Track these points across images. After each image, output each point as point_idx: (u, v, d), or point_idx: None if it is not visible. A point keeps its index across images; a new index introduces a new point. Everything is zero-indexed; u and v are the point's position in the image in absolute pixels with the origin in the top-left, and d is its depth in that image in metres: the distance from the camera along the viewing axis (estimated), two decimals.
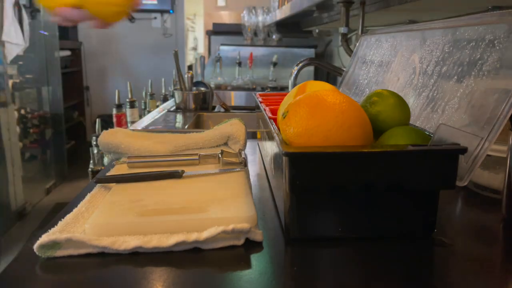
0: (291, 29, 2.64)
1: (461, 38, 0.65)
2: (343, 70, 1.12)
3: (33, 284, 0.41)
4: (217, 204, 0.51)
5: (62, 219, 0.50)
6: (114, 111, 1.63)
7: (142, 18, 3.98)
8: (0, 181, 2.29)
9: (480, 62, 0.58)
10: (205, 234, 0.45)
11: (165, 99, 2.33)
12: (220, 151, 0.71)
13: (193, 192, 0.57)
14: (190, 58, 4.32)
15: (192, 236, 0.45)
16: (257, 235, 0.47)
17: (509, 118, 0.49)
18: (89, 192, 0.59)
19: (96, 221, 0.47)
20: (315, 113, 0.48)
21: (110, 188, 0.60)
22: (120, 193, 0.56)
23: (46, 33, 3.03)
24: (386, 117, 0.54)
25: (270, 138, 0.63)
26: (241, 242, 0.47)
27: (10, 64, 2.50)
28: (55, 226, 0.48)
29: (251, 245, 0.47)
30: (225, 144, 0.84)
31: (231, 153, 0.72)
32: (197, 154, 0.71)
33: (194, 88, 1.71)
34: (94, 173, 1.61)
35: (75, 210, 0.52)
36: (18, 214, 2.42)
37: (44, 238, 0.44)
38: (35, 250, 0.44)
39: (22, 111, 2.84)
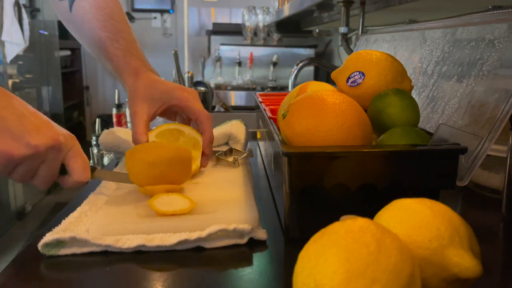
0: (291, 29, 2.64)
1: (461, 38, 0.65)
2: None
3: (37, 282, 0.41)
4: (220, 205, 0.52)
5: (65, 218, 0.50)
6: (114, 111, 1.63)
7: (141, 18, 3.97)
8: (0, 181, 2.29)
9: (480, 62, 0.58)
10: (206, 231, 0.45)
11: None
12: (229, 148, 0.73)
13: (196, 192, 0.57)
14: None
15: (195, 234, 0.45)
16: (261, 234, 0.48)
17: (509, 118, 0.49)
18: (92, 192, 0.59)
19: (99, 221, 0.48)
20: (315, 113, 0.47)
21: (112, 188, 0.60)
22: (123, 194, 0.56)
23: (46, 32, 3.03)
24: (393, 113, 0.53)
25: (270, 138, 0.63)
26: (244, 241, 0.47)
27: (9, 64, 2.49)
28: (59, 225, 0.48)
29: (253, 244, 0.47)
30: (226, 143, 0.84)
31: (239, 150, 0.73)
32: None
33: (194, 88, 1.71)
34: None
35: (78, 209, 0.53)
36: (18, 214, 2.42)
37: (48, 236, 0.44)
38: (39, 248, 0.44)
39: None
